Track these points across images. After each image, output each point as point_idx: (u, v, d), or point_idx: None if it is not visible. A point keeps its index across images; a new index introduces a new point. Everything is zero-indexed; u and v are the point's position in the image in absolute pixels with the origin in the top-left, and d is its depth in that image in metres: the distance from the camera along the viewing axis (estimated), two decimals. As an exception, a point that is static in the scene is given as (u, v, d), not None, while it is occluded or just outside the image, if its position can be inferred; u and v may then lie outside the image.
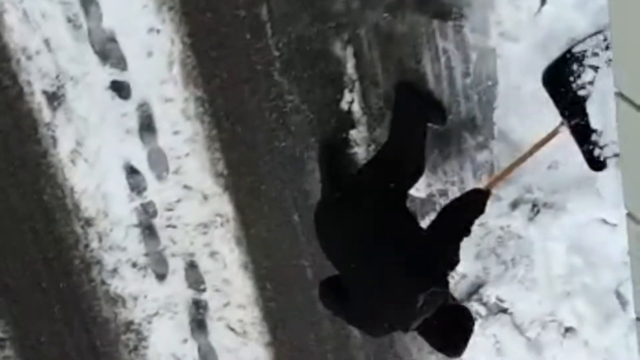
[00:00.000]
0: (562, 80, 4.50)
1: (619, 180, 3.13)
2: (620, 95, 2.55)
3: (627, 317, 4.75)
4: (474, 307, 5.23)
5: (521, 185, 4.92)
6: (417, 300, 4.00)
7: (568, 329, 5.06)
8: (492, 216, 4.98)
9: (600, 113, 4.34)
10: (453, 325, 4.17)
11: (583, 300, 4.92)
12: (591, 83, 4.43)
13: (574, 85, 4.48)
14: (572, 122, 4.51)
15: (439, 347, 4.24)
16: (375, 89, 5.04)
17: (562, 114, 4.54)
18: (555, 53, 4.53)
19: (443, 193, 5.09)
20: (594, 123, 4.44)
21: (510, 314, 5.21)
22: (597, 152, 4.55)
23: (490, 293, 5.21)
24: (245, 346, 6.04)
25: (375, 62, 4.99)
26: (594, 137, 4.52)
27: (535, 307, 5.12)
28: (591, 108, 4.44)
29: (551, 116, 4.63)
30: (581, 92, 4.48)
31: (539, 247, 5.00)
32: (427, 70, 4.88)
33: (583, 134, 4.54)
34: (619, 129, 2.62)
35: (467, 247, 5.10)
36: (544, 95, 4.62)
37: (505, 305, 5.19)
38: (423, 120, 4.75)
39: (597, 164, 4.57)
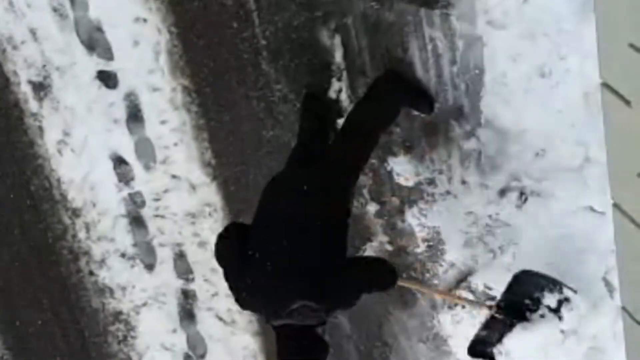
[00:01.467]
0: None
1: (606, 169, 3.13)
2: (605, 85, 2.56)
3: (614, 305, 4.76)
4: (463, 295, 5.24)
5: (509, 173, 4.92)
6: (293, 303, 3.90)
7: (556, 317, 5.08)
8: (480, 204, 4.99)
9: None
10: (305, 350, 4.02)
11: (571, 285, 4.93)
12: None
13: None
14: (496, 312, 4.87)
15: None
16: (363, 77, 5.03)
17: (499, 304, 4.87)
18: (542, 41, 4.53)
19: (431, 182, 5.09)
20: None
21: (499, 301, 5.22)
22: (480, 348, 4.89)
23: (478, 281, 5.21)
24: (234, 335, 6.04)
25: (362, 50, 4.98)
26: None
27: (524, 294, 5.13)
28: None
29: (538, 105, 4.63)
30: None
31: (527, 235, 5.00)
32: (415, 59, 4.87)
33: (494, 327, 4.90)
34: (604, 120, 2.62)
35: (455, 236, 5.11)
36: (531, 83, 4.62)
37: (493, 292, 5.19)
38: (397, 110, 4.72)
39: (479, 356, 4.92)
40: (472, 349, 4.99)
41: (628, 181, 2.64)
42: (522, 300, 4.89)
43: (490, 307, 4.93)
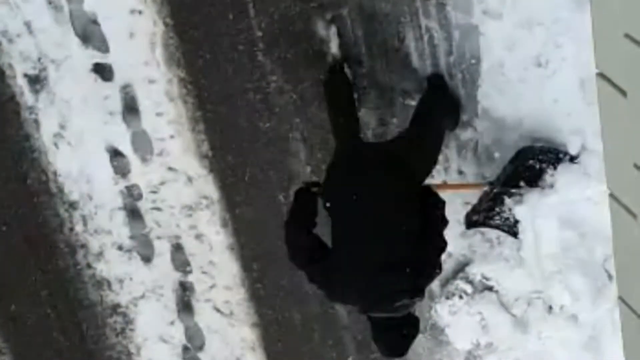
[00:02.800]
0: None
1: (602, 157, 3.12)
2: (601, 75, 2.55)
3: (614, 292, 4.76)
4: (460, 285, 5.24)
5: (506, 162, 4.92)
6: (400, 300, 4.00)
7: (555, 306, 5.08)
8: (477, 194, 4.99)
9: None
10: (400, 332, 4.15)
11: (575, 275, 4.93)
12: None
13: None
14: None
15: (378, 344, 4.22)
16: (359, 68, 5.02)
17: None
18: (538, 30, 4.52)
19: (428, 172, 5.09)
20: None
21: (496, 291, 5.22)
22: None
23: (476, 271, 5.22)
24: (231, 327, 6.04)
25: (358, 41, 4.97)
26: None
27: (521, 284, 5.13)
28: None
29: (534, 94, 4.63)
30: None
31: (526, 225, 5.00)
32: (411, 49, 4.87)
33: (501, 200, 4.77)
34: (600, 110, 2.62)
35: (452, 226, 5.11)
36: (527, 73, 4.62)
37: (490, 283, 5.20)
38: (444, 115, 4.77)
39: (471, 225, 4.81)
40: (469, 220, 4.90)
41: (624, 172, 2.64)
42: (522, 171, 4.80)
43: (490, 184, 4.86)
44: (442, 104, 4.79)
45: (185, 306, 6.11)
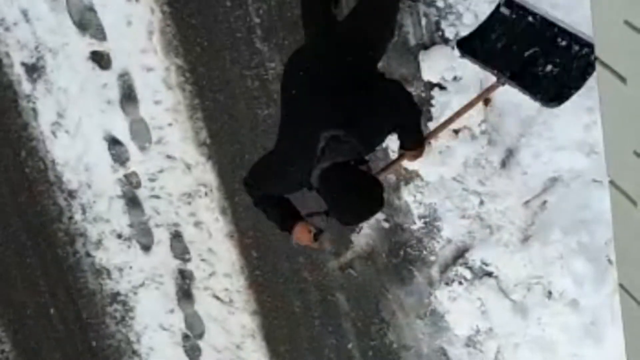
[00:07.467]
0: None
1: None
2: (600, 62, 2.54)
3: (614, 276, 4.77)
4: (460, 271, 5.24)
5: (506, 147, 4.92)
6: (318, 140, 3.80)
7: (555, 291, 5.08)
8: (475, 180, 4.99)
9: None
10: (356, 193, 3.82)
11: (578, 259, 4.93)
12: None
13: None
14: (511, 76, 4.37)
15: (334, 211, 3.87)
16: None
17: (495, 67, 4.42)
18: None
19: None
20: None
21: (496, 277, 5.22)
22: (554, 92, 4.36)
23: (475, 257, 5.22)
24: (231, 315, 6.05)
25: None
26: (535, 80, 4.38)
27: (521, 270, 5.14)
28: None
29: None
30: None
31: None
32: (409, 35, 4.86)
33: (524, 79, 4.38)
34: (599, 97, 2.61)
35: (452, 212, 5.11)
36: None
37: (490, 268, 5.20)
38: None
39: (554, 102, 4.40)
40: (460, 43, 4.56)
41: (624, 158, 2.63)
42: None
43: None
44: None
45: (184, 294, 6.11)
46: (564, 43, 4.34)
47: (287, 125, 4.04)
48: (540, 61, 4.38)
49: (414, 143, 4.34)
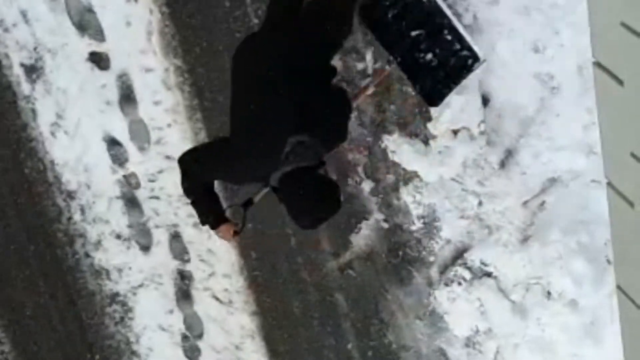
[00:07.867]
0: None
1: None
2: (598, 64, 2.54)
3: (613, 277, 4.77)
4: (459, 271, 5.24)
5: (505, 148, 4.92)
6: (284, 144, 3.81)
7: (554, 292, 5.08)
8: (474, 180, 4.99)
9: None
10: (316, 198, 3.84)
11: (577, 259, 4.93)
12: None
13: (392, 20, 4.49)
14: (398, 58, 4.49)
15: (294, 215, 3.90)
16: (357, 55, 5.01)
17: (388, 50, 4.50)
18: (535, 15, 4.51)
19: (426, 159, 5.09)
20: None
21: (495, 277, 5.22)
22: (429, 84, 4.51)
23: (474, 257, 5.22)
24: (230, 315, 6.05)
25: (356, 28, 4.95)
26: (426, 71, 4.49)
27: (520, 270, 5.14)
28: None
29: (532, 80, 4.61)
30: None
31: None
32: (408, 36, 4.86)
33: (407, 64, 4.51)
34: (596, 99, 2.61)
35: (450, 212, 5.11)
36: (525, 59, 4.61)
37: (489, 269, 5.20)
38: None
39: (431, 99, 4.55)
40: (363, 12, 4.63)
41: (621, 160, 2.63)
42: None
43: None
44: None
45: (184, 294, 6.11)
46: (449, 37, 4.43)
47: (248, 122, 4.02)
48: (423, 46, 4.49)
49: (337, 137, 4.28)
